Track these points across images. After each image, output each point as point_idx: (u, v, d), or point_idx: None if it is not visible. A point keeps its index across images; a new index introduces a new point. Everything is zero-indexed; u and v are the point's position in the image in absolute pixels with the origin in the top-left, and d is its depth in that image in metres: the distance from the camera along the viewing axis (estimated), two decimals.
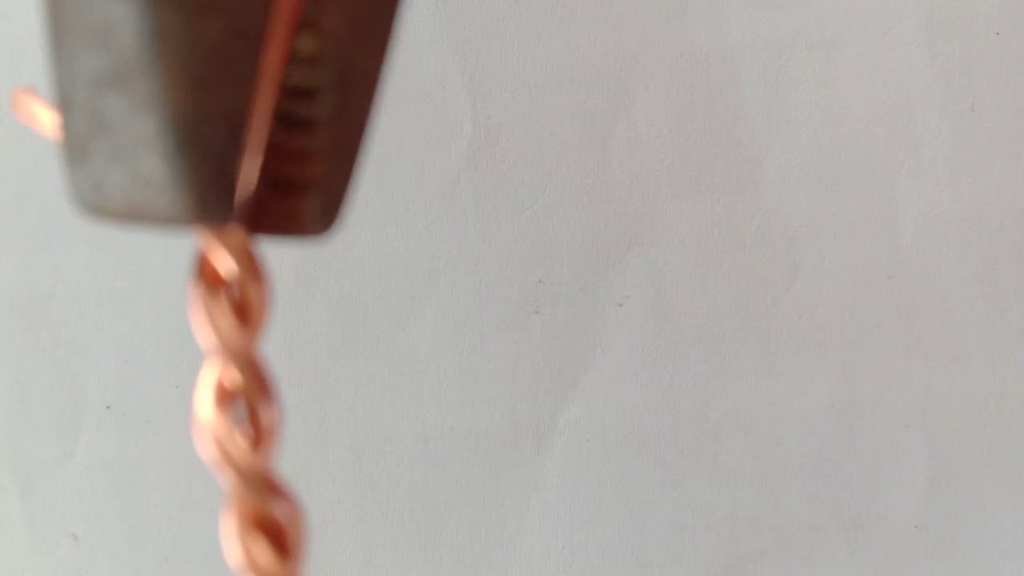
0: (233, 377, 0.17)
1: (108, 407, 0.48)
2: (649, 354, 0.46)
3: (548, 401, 0.46)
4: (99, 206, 0.16)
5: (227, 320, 0.17)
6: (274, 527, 0.17)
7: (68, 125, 0.16)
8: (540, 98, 0.46)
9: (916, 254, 0.46)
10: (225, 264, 0.17)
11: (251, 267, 0.17)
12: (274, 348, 0.47)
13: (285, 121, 0.17)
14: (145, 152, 0.16)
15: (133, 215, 0.16)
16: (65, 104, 0.16)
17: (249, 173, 0.17)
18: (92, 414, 0.48)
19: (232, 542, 0.17)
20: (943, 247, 0.46)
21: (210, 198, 0.16)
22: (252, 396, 0.17)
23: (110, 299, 0.48)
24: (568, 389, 0.47)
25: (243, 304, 0.17)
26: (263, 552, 0.16)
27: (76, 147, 0.16)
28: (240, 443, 0.16)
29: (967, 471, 0.46)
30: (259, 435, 0.17)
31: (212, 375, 0.17)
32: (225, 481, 0.17)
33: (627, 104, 0.46)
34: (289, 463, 0.47)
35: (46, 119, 0.20)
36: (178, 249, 0.47)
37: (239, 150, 0.16)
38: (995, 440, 0.46)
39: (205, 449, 0.16)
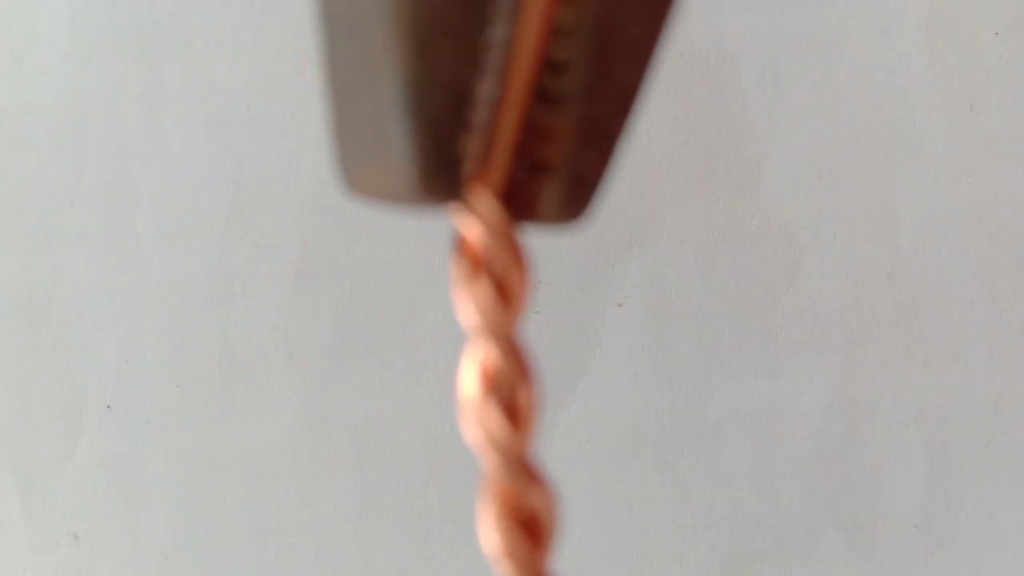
0: (493, 359, 0.16)
1: (108, 407, 0.48)
2: (649, 354, 0.46)
3: (548, 401, 0.46)
4: (353, 183, 0.16)
5: (488, 300, 0.16)
6: (529, 515, 0.16)
7: (332, 108, 0.16)
8: None
9: (916, 254, 0.46)
10: (482, 244, 0.16)
11: (509, 247, 0.16)
12: (274, 348, 0.47)
13: (536, 97, 0.16)
14: (382, 125, 0.15)
15: (379, 192, 0.16)
16: (328, 87, 0.15)
17: (488, 149, 0.16)
18: (92, 414, 0.48)
19: (489, 529, 0.16)
20: (943, 247, 0.46)
21: (430, 172, 0.15)
22: (512, 379, 0.16)
23: (110, 299, 0.48)
24: (568, 389, 0.47)
25: (503, 284, 0.16)
26: (518, 541, 0.16)
27: (337, 127, 0.16)
28: (503, 426, 0.16)
29: (966, 471, 0.46)
30: (519, 418, 0.16)
31: (475, 356, 0.16)
32: (486, 464, 0.16)
33: None
34: (289, 464, 0.47)
35: None
36: (177, 249, 0.47)
37: (462, 122, 0.15)
38: (994, 440, 0.46)
39: (469, 431, 0.16)
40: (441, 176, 0.15)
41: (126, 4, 0.47)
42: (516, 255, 0.16)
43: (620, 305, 0.46)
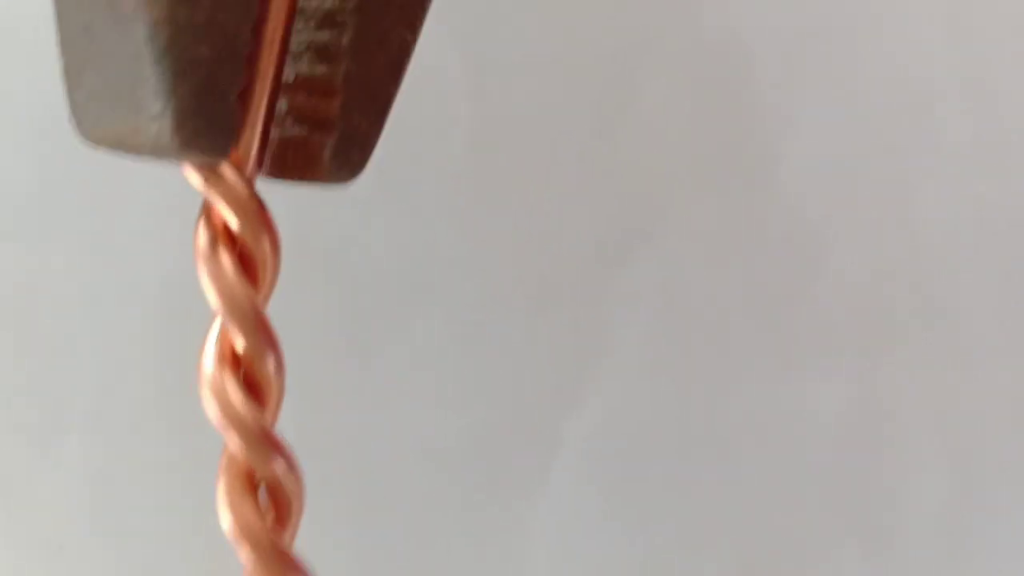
0: (237, 335, 0.16)
1: (90, 413, 0.48)
2: (659, 357, 0.46)
3: (553, 405, 0.46)
4: (92, 133, 0.15)
5: (228, 275, 0.16)
6: (271, 489, 0.16)
7: (63, 45, 0.15)
8: (545, 89, 0.46)
9: (940, 252, 0.46)
10: (227, 213, 0.16)
11: (254, 217, 0.16)
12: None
13: (304, 49, 0.16)
14: (131, 71, 0.14)
15: (124, 144, 0.15)
16: (59, 22, 0.15)
17: (255, 104, 0.15)
18: (75, 421, 0.48)
19: (223, 503, 0.16)
20: (968, 245, 0.46)
21: (200, 126, 0.14)
22: (252, 354, 0.16)
23: (92, 305, 0.48)
24: (574, 392, 0.46)
25: (247, 258, 0.16)
26: (254, 515, 0.16)
27: (71, 69, 0.15)
28: (241, 399, 0.16)
29: (989, 480, 0.46)
30: (260, 393, 0.16)
31: (216, 331, 0.16)
32: (226, 438, 0.16)
33: (636, 95, 0.46)
34: None
35: None
36: (171, 250, 0.47)
37: (238, 72, 0.14)
38: (1016, 447, 0.46)
39: (207, 404, 0.16)
40: (209, 133, 0.14)
41: None
42: (260, 224, 0.16)
43: (629, 306, 0.46)
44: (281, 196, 0.47)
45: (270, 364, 0.16)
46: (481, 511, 0.47)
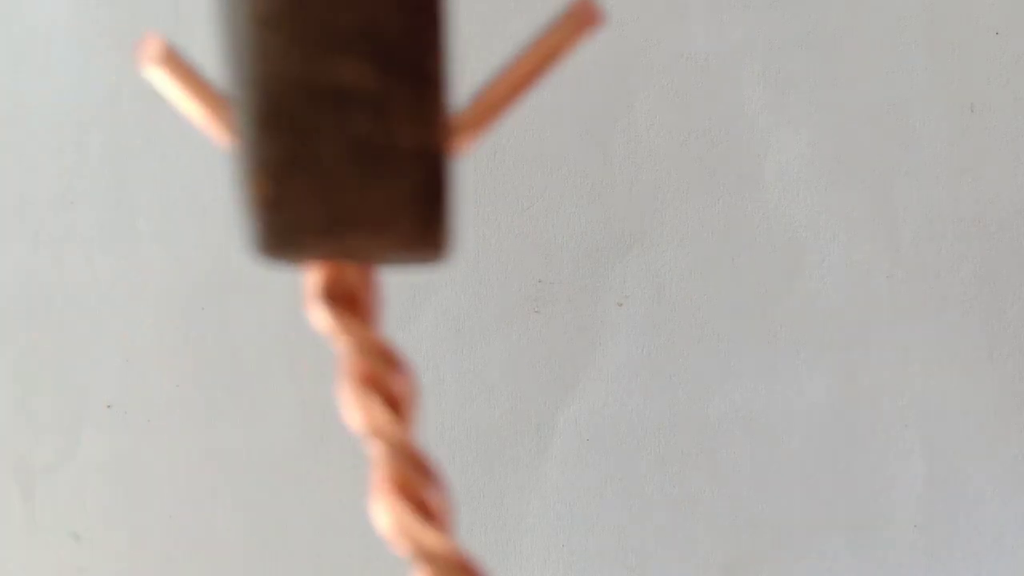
0: (397, 464, 0.17)
1: (108, 406, 0.48)
2: (649, 354, 0.46)
3: (548, 400, 0.47)
4: (304, 246, 0.16)
5: (383, 415, 0.18)
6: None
7: (274, 175, 0.16)
8: (540, 98, 0.47)
9: (916, 254, 0.46)
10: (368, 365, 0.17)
11: (394, 363, 0.18)
12: (273, 348, 0.47)
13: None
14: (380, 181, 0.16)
15: (334, 253, 0.16)
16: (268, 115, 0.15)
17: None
18: (92, 414, 0.48)
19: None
20: (943, 247, 0.46)
21: (449, 233, 0.16)
22: (418, 481, 0.17)
23: (110, 299, 0.48)
24: (568, 389, 0.47)
25: (392, 398, 0.18)
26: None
27: (278, 197, 0.16)
28: (419, 522, 0.17)
29: (966, 470, 0.46)
30: (434, 517, 0.17)
31: (379, 462, 0.17)
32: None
33: (627, 104, 0.46)
34: (289, 463, 0.47)
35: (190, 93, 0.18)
36: (177, 249, 0.47)
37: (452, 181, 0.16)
38: (994, 439, 0.46)
39: (383, 528, 0.17)
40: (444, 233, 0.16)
41: (126, 5, 0.47)
42: (399, 367, 0.17)
43: (620, 305, 0.46)
44: None
45: (437, 491, 0.18)
46: (478, 498, 0.47)
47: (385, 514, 0.17)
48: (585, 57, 0.47)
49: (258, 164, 0.15)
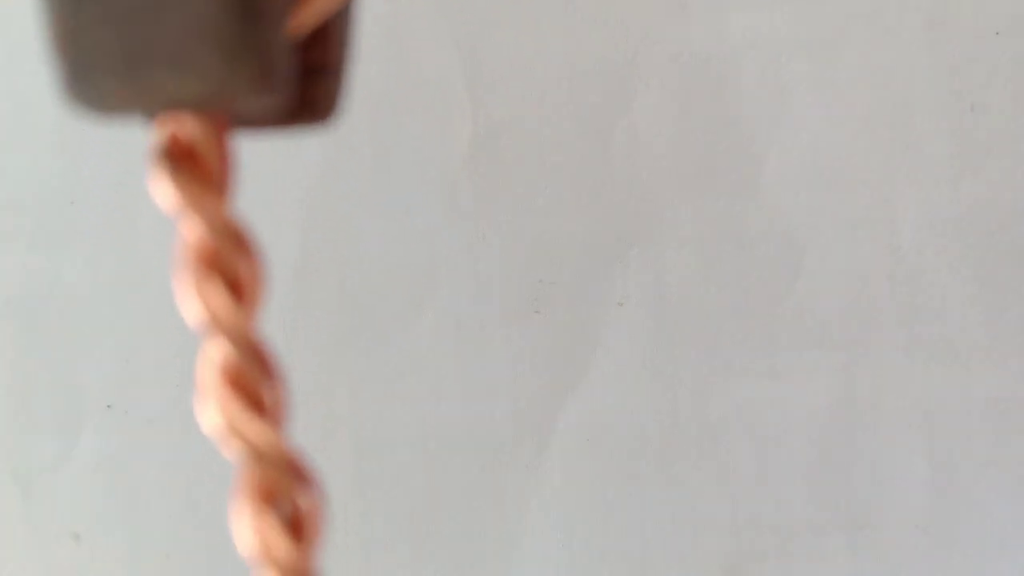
0: (233, 359, 0.15)
1: (108, 407, 0.48)
2: (649, 354, 0.46)
3: (548, 401, 0.47)
4: (103, 96, 0.14)
5: (221, 300, 0.15)
6: (290, 509, 0.15)
7: (55, 10, 0.14)
8: (540, 98, 0.47)
9: (916, 253, 0.46)
10: (209, 242, 0.15)
11: (238, 239, 0.16)
12: (274, 348, 0.47)
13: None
14: (172, 22, 0.13)
15: (137, 94, 0.14)
16: None
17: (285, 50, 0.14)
18: (92, 414, 0.48)
19: (243, 524, 0.15)
20: (943, 247, 0.46)
21: (264, 69, 0.14)
22: (255, 377, 0.15)
23: (110, 299, 0.48)
24: (568, 389, 0.47)
25: (234, 280, 0.16)
26: (277, 536, 0.15)
27: (66, 33, 0.14)
28: (250, 416, 0.15)
29: (967, 471, 0.46)
30: (267, 412, 0.15)
31: (213, 354, 0.15)
32: (237, 456, 0.15)
33: (627, 104, 0.46)
34: None
35: None
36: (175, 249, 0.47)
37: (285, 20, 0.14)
38: (995, 440, 0.46)
39: (211, 426, 0.15)
40: (267, 73, 0.14)
41: None
42: (243, 246, 0.15)
43: (620, 305, 0.46)
44: (284, 197, 0.48)
45: (274, 385, 0.15)
46: (478, 499, 0.47)
47: (214, 410, 0.15)
48: (585, 56, 0.47)
49: None
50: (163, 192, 0.15)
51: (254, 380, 0.15)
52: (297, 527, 0.15)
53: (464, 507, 0.47)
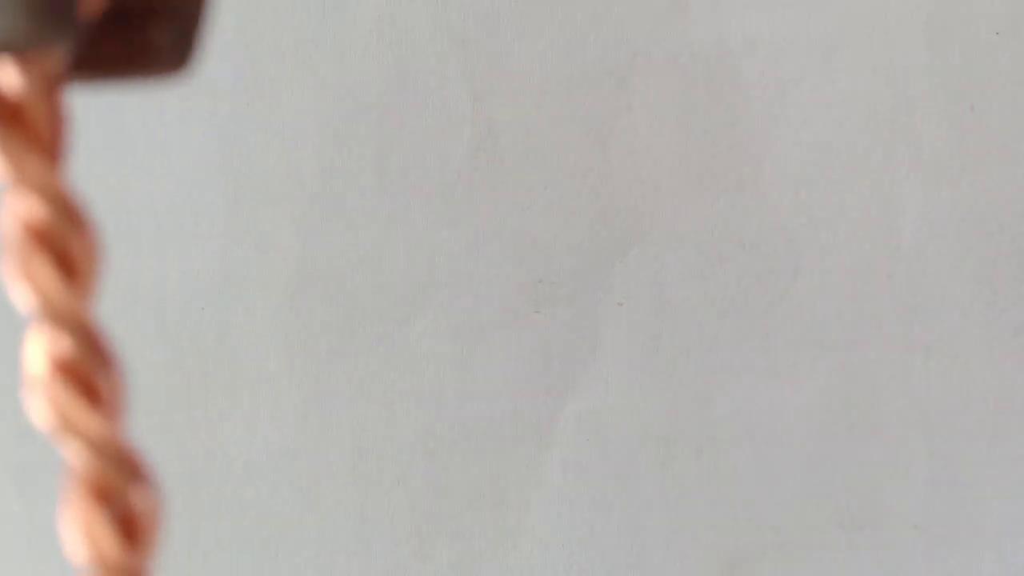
0: (65, 345, 0.14)
1: None
2: (649, 354, 0.46)
3: (548, 401, 0.47)
4: None
5: (51, 282, 0.14)
6: (124, 509, 0.14)
7: None
8: (540, 98, 0.47)
9: (916, 254, 0.46)
10: (40, 216, 0.14)
11: (71, 214, 0.14)
12: (274, 348, 0.47)
13: None
14: None
15: None
16: None
17: None
18: None
19: (71, 523, 0.14)
20: (943, 247, 0.46)
21: (47, 13, 0.12)
22: (89, 366, 0.14)
23: (111, 299, 0.48)
24: (568, 389, 0.47)
25: (66, 258, 0.14)
26: (107, 537, 0.14)
27: None
28: (85, 409, 0.14)
29: (966, 471, 0.46)
30: (104, 405, 0.14)
31: (40, 339, 0.14)
32: (68, 452, 0.14)
33: (627, 104, 0.46)
34: (289, 462, 0.47)
35: None
36: (176, 249, 0.47)
37: None
38: (994, 440, 0.46)
39: (40, 416, 0.14)
40: (56, 18, 0.12)
41: None
42: (76, 221, 0.14)
43: (620, 305, 0.47)
44: (285, 196, 0.48)
45: (110, 374, 0.14)
46: (478, 498, 0.47)
47: (42, 400, 0.14)
48: (585, 56, 0.47)
49: None
50: None
51: (88, 368, 0.14)
52: (131, 528, 0.14)
53: (464, 506, 0.47)
